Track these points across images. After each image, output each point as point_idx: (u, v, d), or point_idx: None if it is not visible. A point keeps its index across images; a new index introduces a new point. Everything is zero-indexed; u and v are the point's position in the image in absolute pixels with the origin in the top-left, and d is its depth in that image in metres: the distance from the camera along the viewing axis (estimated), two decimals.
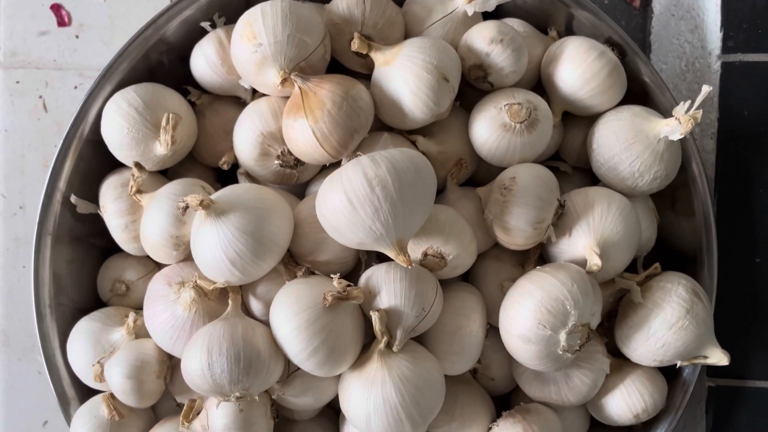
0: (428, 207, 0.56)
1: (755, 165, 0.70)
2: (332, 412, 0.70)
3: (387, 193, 0.52)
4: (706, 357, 0.63)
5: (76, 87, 0.83)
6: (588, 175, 0.69)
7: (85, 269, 0.71)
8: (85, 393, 0.67)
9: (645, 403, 0.63)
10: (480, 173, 0.69)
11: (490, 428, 0.64)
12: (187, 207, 0.56)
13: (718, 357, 0.62)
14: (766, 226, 0.70)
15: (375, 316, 0.56)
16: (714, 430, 0.71)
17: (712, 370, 0.71)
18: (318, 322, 0.55)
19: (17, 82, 0.83)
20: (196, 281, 0.58)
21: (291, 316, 0.55)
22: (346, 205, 0.53)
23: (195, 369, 0.55)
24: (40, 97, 0.83)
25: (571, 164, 0.69)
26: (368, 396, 0.56)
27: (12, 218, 0.83)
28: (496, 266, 0.65)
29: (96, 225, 0.70)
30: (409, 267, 0.55)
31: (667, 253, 0.68)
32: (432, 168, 0.56)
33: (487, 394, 0.67)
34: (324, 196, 0.55)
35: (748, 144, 0.70)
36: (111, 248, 0.70)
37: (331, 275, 0.57)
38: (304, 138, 0.58)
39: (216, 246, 0.56)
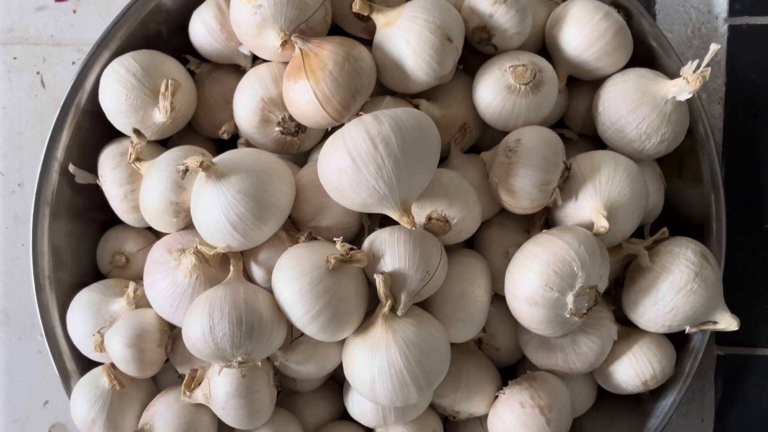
0: (432, 167, 0.55)
1: (763, 129, 0.69)
2: (335, 385, 0.69)
3: (390, 151, 0.51)
4: (715, 322, 0.62)
5: (73, 62, 0.82)
6: (593, 142, 0.68)
7: (85, 243, 0.70)
8: (86, 366, 0.67)
9: (653, 370, 0.63)
10: (483, 142, 0.68)
11: (496, 396, 0.63)
12: (187, 170, 0.55)
13: (728, 321, 0.61)
14: None
15: (379, 279, 0.55)
16: (723, 399, 0.70)
17: (720, 338, 0.70)
18: (321, 284, 0.54)
19: (14, 59, 0.82)
20: (196, 247, 0.57)
21: (293, 278, 0.55)
22: (348, 164, 0.52)
23: (196, 333, 0.54)
24: (38, 73, 0.82)
25: (576, 131, 0.68)
26: (373, 360, 0.55)
27: (11, 196, 0.82)
28: (500, 233, 0.64)
29: (95, 198, 0.69)
30: (413, 228, 0.54)
31: (674, 222, 0.67)
32: (435, 127, 0.55)
33: (493, 365, 0.67)
34: (326, 155, 0.54)
35: (756, 108, 0.69)
36: (110, 223, 0.69)
37: (334, 239, 0.56)
38: (306, 100, 0.57)
39: (217, 209, 0.55)
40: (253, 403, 0.58)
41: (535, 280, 0.56)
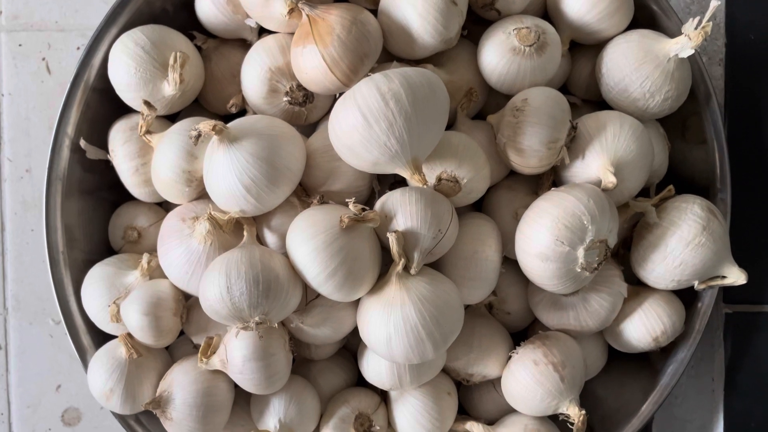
0: (442, 125, 0.56)
1: (764, 88, 0.70)
2: (349, 354, 0.70)
3: (401, 107, 0.52)
4: (723, 277, 0.62)
5: (78, 48, 0.83)
6: (597, 108, 0.68)
7: (96, 221, 0.71)
8: (101, 342, 0.67)
9: (664, 325, 0.63)
10: (488, 110, 0.68)
11: (509, 357, 0.64)
12: (199, 135, 0.56)
13: (736, 275, 0.62)
14: None
15: (392, 238, 0.56)
16: (732, 357, 0.71)
17: (728, 297, 0.71)
18: (335, 243, 0.55)
19: (20, 45, 0.83)
20: (210, 213, 0.58)
21: (308, 238, 0.55)
22: (360, 121, 0.53)
23: (214, 293, 0.54)
24: (43, 59, 0.83)
25: (580, 97, 0.69)
26: (388, 318, 0.56)
27: (19, 182, 0.82)
28: (509, 196, 0.65)
29: (105, 177, 0.70)
30: (425, 186, 0.55)
31: (679, 183, 0.67)
32: (444, 86, 0.56)
33: (504, 328, 0.67)
34: (337, 114, 0.55)
35: (757, 68, 0.70)
36: (121, 202, 0.70)
37: (347, 200, 0.56)
38: (314, 65, 0.57)
39: (230, 173, 0.56)
40: (270, 367, 0.59)
41: (545, 234, 0.57)
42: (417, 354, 0.56)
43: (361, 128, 0.53)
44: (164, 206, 0.69)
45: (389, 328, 0.56)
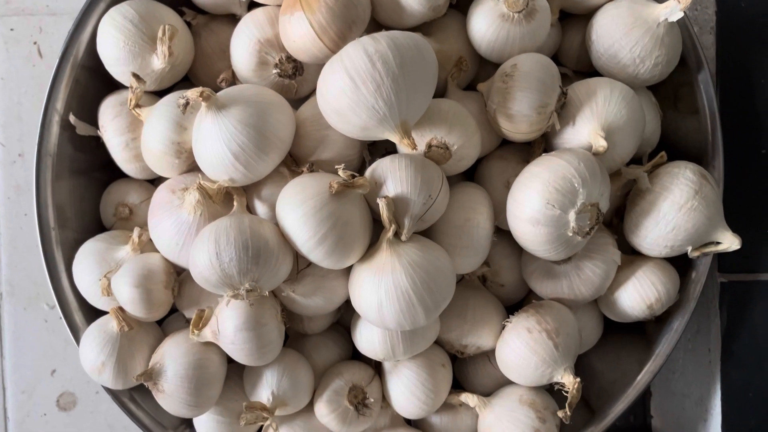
0: (431, 88, 0.56)
1: (755, 56, 0.70)
2: (343, 329, 0.70)
3: (388, 68, 0.52)
4: (717, 243, 0.62)
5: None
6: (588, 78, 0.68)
7: (88, 200, 0.71)
8: (94, 320, 0.66)
9: (658, 293, 0.63)
10: (480, 82, 0.68)
11: (503, 326, 0.64)
12: (188, 103, 0.56)
13: (730, 240, 0.61)
14: None
15: (382, 203, 0.55)
16: (729, 327, 0.70)
17: (723, 266, 0.70)
18: (325, 209, 0.55)
19: (11, 30, 0.83)
20: (200, 182, 0.58)
21: (298, 204, 0.55)
22: (348, 83, 0.52)
23: (203, 260, 0.54)
24: (35, 43, 0.83)
25: (570, 67, 0.69)
26: (379, 283, 0.56)
27: (12, 166, 0.82)
28: (501, 165, 0.65)
29: (96, 156, 0.70)
30: (414, 150, 0.55)
31: (672, 153, 0.67)
32: (432, 49, 0.56)
33: (498, 300, 0.67)
34: (325, 78, 0.54)
35: (747, 36, 0.70)
36: (112, 181, 0.70)
37: (336, 167, 0.56)
38: (302, 32, 0.57)
39: (218, 140, 0.56)
40: (262, 337, 0.58)
41: (536, 198, 0.56)
42: (408, 320, 0.56)
43: (348, 91, 0.53)
44: (155, 184, 0.69)
45: (380, 293, 0.55)
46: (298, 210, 0.55)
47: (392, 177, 0.56)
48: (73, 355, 0.83)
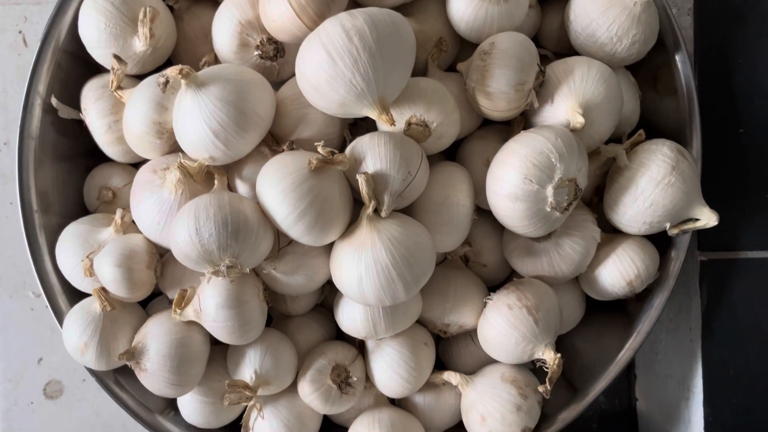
0: (408, 65, 0.56)
1: (732, 36, 0.70)
2: (326, 311, 0.70)
3: (365, 43, 0.52)
4: (695, 220, 0.63)
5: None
6: None
7: (71, 185, 0.71)
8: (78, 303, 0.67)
9: (638, 269, 0.63)
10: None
11: (485, 303, 0.64)
12: (167, 82, 0.56)
13: (707, 217, 0.62)
14: (748, 96, 0.71)
15: (361, 179, 0.56)
16: (709, 306, 0.71)
17: (703, 244, 0.71)
18: (304, 184, 0.55)
19: None
20: (180, 161, 0.58)
21: (277, 180, 0.55)
22: (325, 58, 0.53)
23: (183, 236, 0.54)
24: (20, 32, 0.83)
25: (550, 50, 0.70)
26: (359, 259, 0.56)
27: None
28: (481, 145, 0.65)
29: (79, 141, 0.70)
30: (392, 126, 0.55)
31: (651, 134, 0.67)
32: (409, 26, 0.56)
33: (480, 279, 0.67)
34: (303, 54, 0.55)
35: (725, 17, 0.71)
36: (94, 167, 0.70)
37: (316, 143, 0.56)
38: (281, 11, 0.58)
39: (198, 118, 0.56)
40: (244, 314, 0.59)
41: (514, 174, 0.57)
42: (389, 295, 0.56)
43: (326, 65, 0.53)
44: (138, 168, 0.69)
45: (360, 269, 0.56)
46: (277, 186, 0.55)
47: (371, 153, 0.57)
48: (59, 343, 0.82)
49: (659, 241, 0.66)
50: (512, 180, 0.57)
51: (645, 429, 0.84)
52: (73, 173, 0.71)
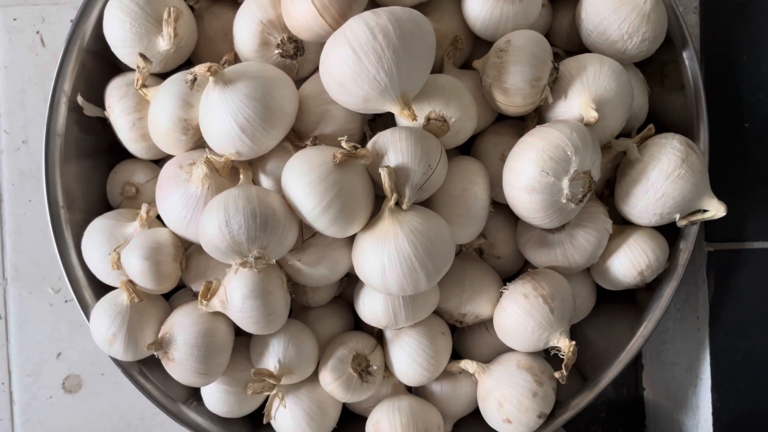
0: (429, 61, 0.58)
1: (737, 33, 0.73)
2: (345, 303, 0.72)
3: (389, 41, 0.54)
4: (704, 211, 0.65)
5: (72, 21, 0.84)
6: None
7: (95, 181, 0.72)
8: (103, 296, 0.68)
9: (648, 259, 0.65)
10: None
11: (500, 294, 0.66)
12: (195, 79, 0.58)
13: (716, 208, 0.64)
14: (753, 91, 0.73)
15: (384, 173, 0.58)
16: (716, 295, 0.73)
17: (710, 236, 0.73)
18: (329, 177, 0.57)
19: (14, 20, 0.85)
20: (207, 156, 0.60)
21: (303, 173, 0.57)
22: (350, 55, 0.55)
23: (213, 228, 0.56)
24: (38, 32, 0.85)
25: (561, 48, 0.72)
26: (382, 250, 0.58)
27: (15, 153, 0.84)
28: (496, 140, 0.67)
29: (102, 138, 0.71)
30: (414, 121, 0.57)
31: (659, 129, 0.69)
32: (430, 23, 0.58)
33: (495, 271, 0.69)
34: (327, 51, 0.57)
35: (730, 14, 0.73)
36: (117, 164, 0.72)
37: (339, 138, 0.58)
38: (304, 10, 0.59)
39: (225, 114, 0.58)
40: (268, 305, 0.60)
41: (531, 166, 0.59)
42: (411, 284, 0.58)
43: (351, 62, 0.55)
44: (160, 165, 0.71)
45: (383, 259, 0.58)
46: (303, 179, 0.57)
47: (393, 148, 0.58)
48: (78, 338, 0.84)
49: (668, 233, 0.68)
50: (529, 172, 0.59)
51: (652, 417, 0.86)
52: (96, 170, 0.72)
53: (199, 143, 0.64)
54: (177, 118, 0.62)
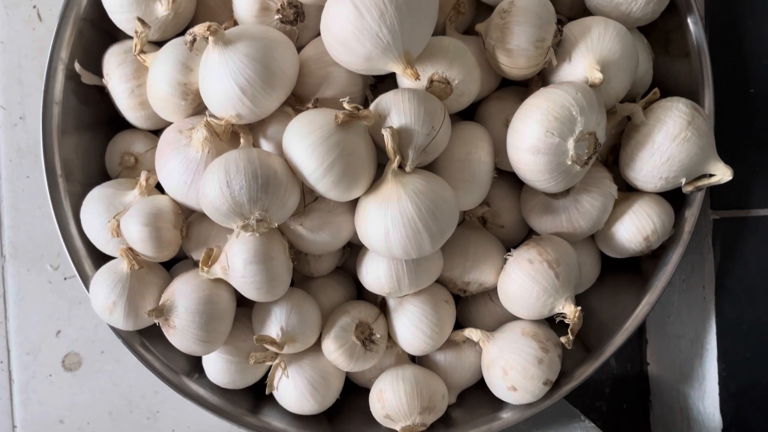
0: (433, 18, 0.57)
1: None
2: (347, 273, 0.71)
3: None
4: (710, 176, 0.64)
5: None
6: None
7: (92, 154, 0.71)
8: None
9: (654, 225, 0.65)
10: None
11: (505, 260, 0.65)
12: (194, 40, 0.57)
13: (722, 172, 0.63)
14: (758, 57, 0.72)
15: (387, 134, 0.57)
16: (722, 263, 0.72)
17: (716, 203, 0.72)
18: (331, 138, 0.56)
19: None
20: (207, 119, 0.59)
21: (304, 134, 0.56)
22: (352, 11, 0.54)
23: (214, 189, 0.55)
24: (34, 7, 0.84)
25: (564, 14, 0.71)
26: (385, 212, 0.57)
27: (13, 129, 0.83)
28: (499, 105, 0.66)
29: (100, 109, 0.71)
30: (416, 80, 0.56)
31: (664, 96, 0.69)
32: None
33: (498, 239, 0.69)
34: (329, 9, 0.56)
35: None
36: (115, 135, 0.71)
37: (341, 100, 0.57)
38: None
39: (225, 75, 0.57)
40: (271, 270, 0.60)
41: (536, 127, 0.58)
42: (414, 246, 0.57)
43: (353, 19, 0.54)
44: (160, 134, 0.70)
45: (387, 221, 0.57)
46: (305, 140, 0.56)
47: (396, 109, 0.58)
48: (77, 315, 0.84)
49: (673, 201, 0.67)
50: (534, 133, 0.58)
51: (657, 391, 0.86)
52: (94, 141, 0.71)
53: (199, 109, 0.63)
54: (176, 83, 0.62)
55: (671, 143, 0.62)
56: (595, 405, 0.89)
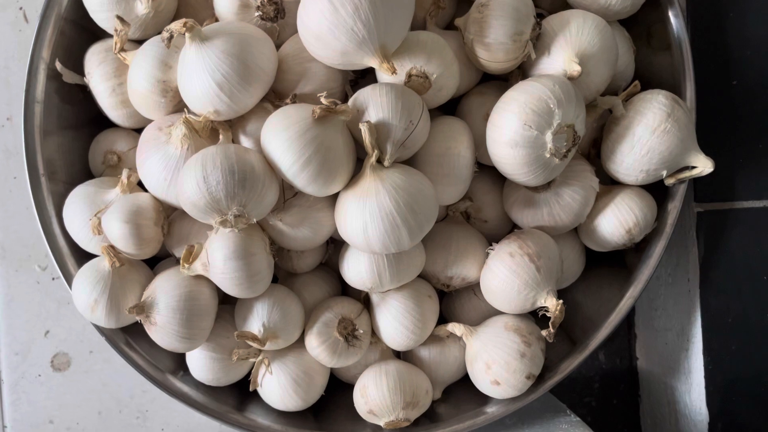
0: (409, 13, 0.57)
1: None
2: (331, 270, 0.71)
3: None
4: (691, 168, 0.64)
5: None
6: None
7: (75, 153, 0.72)
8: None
9: (636, 217, 0.65)
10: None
11: (487, 254, 0.65)
12: (171, 36, 0.57)
13: (703, 163, 0.63)
14: (739, 49, 0.72)
15: (364, 128, 0.57)
16: (706, 256, 0.72)
17: (699, 196, 0.72)
18: (308, 133, 0.56)
19: None
20: (185, 116, 0.59)
21: (281, 129, 0.56)
22: (326, 6, 0.54)
23: (191, 184, 0.55)
24: (21, 8, 0.84)
25: (545, 9, 0.71)
26: (363, 207, 0.57)
27: (0, 130, 0.83)
28: (479, 100, 0.66)
29: (83, 108, 0.71)
30: (393, 74, 0.56)
31: (646, 89, 0.69)
32: None
33: (481, 234, 0.68)
34: (305, 4, 0.56)
35: None
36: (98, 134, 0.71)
37: (319, 95, 0.57)
38: None
39: (202, 71, 0.57)
40: (251, 266, 0.60)
41: (514, 120, 0.58)
42: (393, 241, 0.57)
43: (328, 13, 0.54)
44: (142, 132, 0.70)
45: (365, 216, 0.57)
46: (282, 135, 0.56)
47: (373, 103, 0.58)
48: (66, 315, 0.84)
49: (656, 194, 0.67)
50: (512, 126, 0.58)
51: (646, 385, 0.86)
52: (77, 140, 0.71)
53: (179, 107, 0.64)
54: (156, 80, 0.62)
55: (651, 135, 0.62)
56: (585, 400, 0.89)
